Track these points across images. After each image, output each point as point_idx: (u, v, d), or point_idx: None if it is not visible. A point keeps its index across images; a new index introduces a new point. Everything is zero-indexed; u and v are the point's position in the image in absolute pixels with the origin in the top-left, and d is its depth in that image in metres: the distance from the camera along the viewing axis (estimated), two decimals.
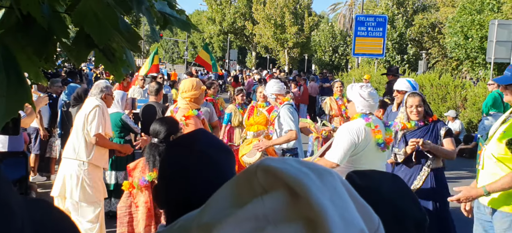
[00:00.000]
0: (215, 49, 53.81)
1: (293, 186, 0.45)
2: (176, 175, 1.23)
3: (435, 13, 26.15)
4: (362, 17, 16.91)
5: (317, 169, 0.49)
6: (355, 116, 3.38)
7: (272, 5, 32.63)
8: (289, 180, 0.46)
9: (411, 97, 3.87)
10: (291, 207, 0.45)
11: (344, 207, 0.46)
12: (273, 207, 0.45)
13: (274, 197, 0.46)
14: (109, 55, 1.51)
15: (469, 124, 11.33)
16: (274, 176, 0.47)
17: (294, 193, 0.45)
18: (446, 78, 12.67)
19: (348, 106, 3.55)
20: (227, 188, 0.51)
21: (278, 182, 0.46)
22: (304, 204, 0.44)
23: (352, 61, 26.78)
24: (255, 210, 0.46)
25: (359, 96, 3.35)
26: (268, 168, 0.48)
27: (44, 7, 1.21)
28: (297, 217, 0.44)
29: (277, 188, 0.46)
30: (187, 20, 1.64)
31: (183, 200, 1.21)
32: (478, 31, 17.04)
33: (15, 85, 1.00)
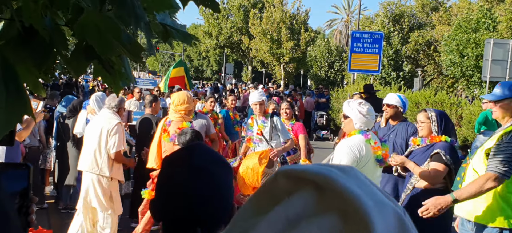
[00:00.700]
0: (211, 62, 53.93)
1: (319, 182, 0.46)
2: (173, 189, 1.21)
3: (431, 31, 26.42)
4: (359, 33, 17.05)
5: (337, 166, 0.50)
6: (353, 133, 3.38)
7: (268, 20, 32.84)
8: (314, 177, 0.46)
9: (420, 113, 3.83)
10: (321, 201, 0.45)
11: (372, 192, 0.47)
12: (303, 205, 0.46)
13: (301, 196, 0.46)
14: (108, 67, 1.50)
15: (464, 142, 11.35)
16: (297, 177, 0.47)
17: (321, 188, 0.46)
18: (442, 96, 12.73)
19: (344, 122, 3.54)
20: (249, 202, 0.51)
21: (301, 182, 0.47)
22: (334, 196, 0.45)
23: (347, 77, 26.92)
24: (286, 211, 0.46)
25: (358, 113, 3.36)
26: (288, 172, 0.48)
27: (46, 20, 1.19)
28: (329, 210, 0.44)
29: (302, 188, 0.47)
30: (188, 33, 1.63)
31: (180, 214, 1.20)
32: (473, 50, 17.21)
33: (14, 97, 0.98)
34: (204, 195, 1.20)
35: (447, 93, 14.55)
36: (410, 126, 4.68)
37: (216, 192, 1.23)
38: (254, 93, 5.68)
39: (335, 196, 0.45)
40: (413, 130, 4.56)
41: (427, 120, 3.69)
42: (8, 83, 0.98)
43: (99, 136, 4.52)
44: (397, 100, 4.77)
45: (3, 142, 1.49)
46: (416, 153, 3.74)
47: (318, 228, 0.44)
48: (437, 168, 3.51)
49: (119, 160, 4.60)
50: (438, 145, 3.62)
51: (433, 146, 3.63)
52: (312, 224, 0.44)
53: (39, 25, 1.11)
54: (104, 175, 4.53)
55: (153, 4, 1.47)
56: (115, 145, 4.46)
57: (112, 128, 4.49)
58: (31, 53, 1.22)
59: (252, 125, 5.43)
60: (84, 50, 1.37)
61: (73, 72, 1.44)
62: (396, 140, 4.61)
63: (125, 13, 1.15)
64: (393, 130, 4.72)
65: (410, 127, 4.67)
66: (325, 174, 0.46)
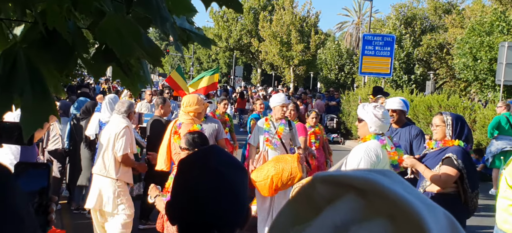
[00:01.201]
0: (221, 65, 54.11)
1: (362, 186, 0.44)
2: (190, 192, 1.21)
3: (444, 33, 26.16)
4: (370, 36, 16.95)
5: (375, 170, 0.49)
6: (368, 137, 3.35)
7: (278, 22, 32.85)
8: (356, 182, 0.45)
9: (436, 116, 3.81)
10: (369, 206, 0.44)
11: (419, 195, 0.46)
12: (350, 211, 0.44)
13: (346, 201, 0.45)
14: (126, 70, 1.50)
15: (478, 146, 11.22)
16: (336, 183, 0.46)
17: (365, 192, 0.44)
18: (455, 100, 12.60)
19: (359, 126, 3.51)
20: (285, 210, 0.50)
21: (342, 188, 0.45)
22: (382, 200, 0.43)
23: (358, 80, 26.78)
24: (332, 218, 0.44)
25: (373, 116, 3.33)
26: (327, 178, 0.47)
27: (69, 23, 1.19)
28: (378, 214, 0.43)
29: (344, 194, 0.45)
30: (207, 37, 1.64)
31: (196, 217, 1.19)
32: (487, 53, 17.00)
33: (40, 97, 0.99)
34: (220, 198, 1.19)
35: (460, 97, 14.40)
36: (413, 128, 4.66)
37: (232, 195, 1.23)
38: (279, 95, 5.64)
39: (382, 200, 0.43)
40: (417, 132, 4.57)
41: (443, 123, 3.64)
42: (34, 84, 0.99)
43: (108, 140, 4.64)
44: (402, 105, 4.78)
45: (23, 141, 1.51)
46: (429, 156, 3.71)
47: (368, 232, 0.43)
48: (447, 172, 3.46)
49: (127, 163, 4.67)
50: (450, 149, 3.56)
51: (445, 150, 3.59)
52: (362, 228, 0.43)
53: (63, 29, 1.11)
54: (111, 177, 4.61)
55: (173, 8, 1.47)
56: (121, 148, 4.53)
57: (120, 131, 4.57)
58: (53, 56, 1.23)
59: (268, 127, 5.32)
60: (103, 52, 1.38)
61: (93, 75, 1.45)
62: (400, 143, 4.59)
63: (151, 14, 1.15)
64: (396, 133, 4.69)
65: (413, 129, 4.64)
66: (368, 178, 0.45)
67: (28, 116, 0.98)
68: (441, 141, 3.66)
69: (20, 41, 1.21)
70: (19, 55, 1.02)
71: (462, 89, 23.91)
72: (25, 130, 1.06)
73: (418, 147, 4.57)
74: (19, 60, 1.01)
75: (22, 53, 1.03)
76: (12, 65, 1.00)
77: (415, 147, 4.61)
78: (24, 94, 1.00)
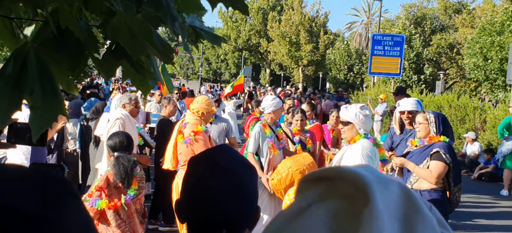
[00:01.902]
0: (229, 65, 54.19)
1: (331, 175, 0.50)
2: (199, 190, 1.21)
3: (454, 33, 25.94)
4: (379, 36, 16.88)
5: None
6: (357, 138, 3.42)
7: (287, 22, 32.81)
8: (323, 172, 0.51)
9: (418, 115, 3.84)
10: (331, 189, 0.49)
11: (378, 172, 0.49)
12: (314, 196, 0.50)
13: (314, 189, 0.50)
14: (138, 67, 1.51)
15: (488, 146, 11.10)
16: (311, 178, 0.52)
17: (332, 180, 0.50)
18: (465, 100, 12.49)
19: (344, 129, 3.53)
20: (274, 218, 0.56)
21: (316, 181, 0.51)
22: (342, 183, 0.48)
23: (367, 80, 26.65)
24: (300, 203, 0.50)
25: (362, 117, 3.43)
26: (305, 176, 0.53)
27: (82, 22, 1.20)
28: (336, 195, 0.48)
29: (316, 185, 0.51)
30: (217, 34, 1.64)
31: (205, 215, 1.19)
32: (498, 53, 16.83)
33: (50, 97, 0.99)
34: (230, 196, 1.19)
35: (470, 97, 14.26)
36: None
37: (242, 194, 1.23)
38: (272, 98, 5.21)
39: (343, 182, 0.48)
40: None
41: (425, 121, 3.69)
42: (44, 83, 1.00)
43: (100, 133, 4.59)
44: (417, 106, 4.70)
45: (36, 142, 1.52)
46: (414, 153, 3.72)
47: (324, 209, 0.47)
48: (437, 167, 3.50)
49: None
50: (437, 144, 3.59)
51: (431, 145, 3.61)
52: (319, 208, 0.47)
53: (75, 28, 1.12)
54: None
55: (183, 6, 1.47)
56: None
57: (112, 123, 4.49)
58: (65, 54, 1.24)
59: (269, 133, 4.99)
60: (114, 51, 1.39)
61: (104, 74, 1.46)
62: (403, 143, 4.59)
63: (161, 13, 1.15)
64: (410, 134, 4.60)
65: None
66: (338, 167, 0.50)
67: (38, 115, 0.99)
68: (426, 138, 3.69)
69: (31, 40, 1.22)
70: (30, 55, 1.03)
71: (472, 89, 23.68)
72: (34, 129, 1.06)
73: None
74: (29, 59, 1.02)
75: (33, 52, 1.04)
76: (22, 65, 1.01)
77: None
78: (34, 93, 1.01)
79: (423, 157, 3.61)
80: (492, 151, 10.41)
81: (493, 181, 9.77)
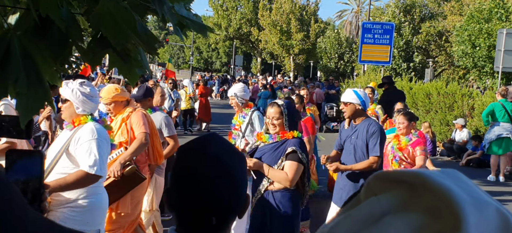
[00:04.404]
0: (220, 54, 53.94)
1: (410, 180, 0.43)
2: (189, 179, 1.22)
3: (443, 21, 26.08)
4: (369, 24, 16.90)
5: (440, 169, 0.47)
6: (83, 120, 2.94)
7: (278, 11, 32.71)
8: (405, 176, 0.44)
9: (270, 107, 3.32)
10: (410, 200, 0.42)
11: (472, 190, 0.43)
12: (390, 203, 0.43)
13: (390, 195, 0.44)
14: (124, 56, 1.50)
15: (476, 132, 11.25)
16: (388, 179, 0.46)
17: (413, 187, 0.43)
18: (453, 87, 12.60)
19: (63, 107, 2.97)
20: (343, 211, 0.50)
21: (393, 184, 0.45)
22: (425, 194, 0.42)
23: (358, 68, 26.73)
24: (371, 208, 0.44)
25: (79, 94, 2.94)
26: (381, 175, 0.47)
27: (62, 10, 1.19)
28: (416, 208, 0.42)
29: (392, 189, 0.44)
30: (203, 23, 1.63)
31: (195, 203, 1.20)
32: (485, 40, 16.97)
33: (35, 84, 0.99)
34: (220, 184, 1.20)
35: (458, 84, 14.39)
36: (372, 125, 4.06)
37: (231, 182, 1.24)
38: (235, 85, 5.16)
39: (428, 193, 0.42)
40: (374, 130, 4.00)
41: (281, 115, 3.24)
42: (29, 71, 1.00)
43: None
44: (354, 97, 4.11)
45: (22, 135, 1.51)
46: (264, 151, 3.27)
47: (403, 223, 0.41)
48: (294, 168, 3.11)
49: None
50: (291, 142, 3.19)
51: (285, 143, 3.21)
52: (397, 218, 0.41)
53: (55, 16, 1.11)
54: None
55: None
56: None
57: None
58: (47, 43, 1.23)
59: (236, 119, 5.05)
60: (99, 40, 1.38)
61: (89, 63, 1.45)
62: (357, 142, 4.08)
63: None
64: (355, 131, 4.14)
65: (371, 126, 4.05)
66: (418, 173, 0.43)
67: (24, 102, 0.99)
68: (279, 133, 3.25)
69: (13, 28, 1.21)
70: (13, 42, 1.02)
71: (460, 76, 23.90)
72: (21, 116, 1.06)
73: (373, 147, 3.99)
74: (12, 47, 1.02)
75: (16, 40, 1.04)
76: (6, 52, 1.01)
77: (370, 146, 4.00)
78: (19, 81, 1.01)
79: (277, 156, 3.18)
80: (480, 138, 10.55)
81: (480, 167, 9.93)
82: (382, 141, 4.04)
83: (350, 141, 4.14)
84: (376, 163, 3.97)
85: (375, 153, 3.99)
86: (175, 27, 1.34)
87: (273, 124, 3.27)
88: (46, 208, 1.27)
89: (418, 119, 5.09)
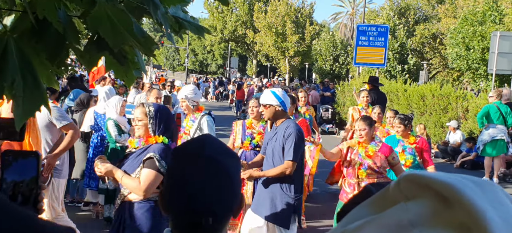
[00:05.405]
0: (216, 56, 53.90)
1: (443, 191, 0.41)
2: (184, 180, 1.22)
3: (437, 23, 26.25)
4: (364, 26, 16.97)
5: (473, 178, 0.44)
6: None
7: (273, 13, 32.76)
8: (438, 186, 0.42)
9: (137, 108, 3.12)
10: (441, 213, 0.40)
11: (506, 211, 0.41)
12: (420, 213, 0.41)
13: (420, 203, 0.42)
14: (121, 58, 1.50)
15: (470, 134, 11.31)
16: (419, 183, 0.43)
17: (445, 199, 0.41)
18: (448, 89, 12.67)
19: None
20: (366, 202, 0.48)
21: (424, 189, 0.43)
22: (457, 209, 0.40)
23: (352, 71, 26.83)
24: (398, 215, 0.42)
25: None
26: (413, 177, 0.44)
27: (60, 12, 1.20)
28: (447, 223, 0.40)
29: (423, 196, 0.42)
30: (200, 25, 1.64)
31: (191, 205, 1.21)
32: (479, 43, 17.09)
33: (31, 87, 0.99)
34: (215, 185, 1.21)
35: (452, 86, 14.48)
36: (288, 128, 3.81)
37: (227, 182, 1.24)
38: (185, 87, 4.94)
39: (458, 208, 0.39)
40: (290, 132, 3.77)
41: (145, 117, 3.00)
42: (25, 73, 0.99)
43: None
44: (273, 98, 3.90)
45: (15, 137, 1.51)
46: (131, 157, 3.03)
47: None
48: (148, 177, 2.82)
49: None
50: (152, 147, 2.92)
51: (148, 148, 2.97)
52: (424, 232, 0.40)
53: (53, 18, 1.11)
54: None
55: None
56: None
57: None
58: (44, 45, 1.23)
59: (186, 122, 4.78)
60: (96, 42, 1.38)
61: (86, 65, 1.45)
62: (275, 146, 3.85)
63: (144, 1, 1.15)
64: (275, 133, 3.93)
65: (288, 128, 3.81)
66: (452, 184, 0.41)
67: (20, 104, 0.99)
68: (144, 137, 3.02)
69: (10, 30, 1.21)
70: (9, 44, 1.02)
71: (455, 78, 24.04)
72: (17, 119, 1.06)
73: (288, 151, 3.74)
74: (9, 49, 1.01)
75: (12, 42, 1.04)
76: (2, 54, 1.01)
77: (285, 150, 3.76)
78: (15, 83, 1.01)
79: (138, 162, 2.92)
80: (474, 140, 10.61)
81: (475, 168, 9.98)
82: (298, 145, 3.73)
83: (271, 145, 3.91)
84: (290, 169, 3.67)
85: (288, 158, 3.69)
86: (168, 31, 1.34)
87: (137, 126, 3.02)
88: (43, 209, 1.27)
89: (375, 123, 4.76)
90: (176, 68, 62.42)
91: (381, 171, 4.25)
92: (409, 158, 4.83)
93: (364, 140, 4.31)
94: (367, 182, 4.15)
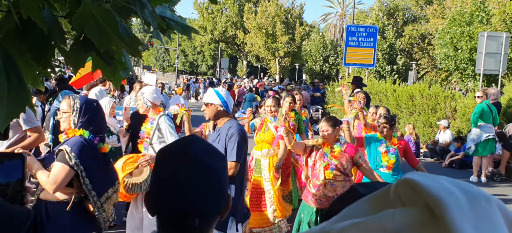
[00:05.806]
0: (206, 57, 53.78)
1: (430, 203, 0.40)
2: (170, 181, 1.21)
3: (425, 24, 26.50)
4: (353, 27, 17.07)
5: (471, 192, 0.43)
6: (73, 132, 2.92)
7: (263, 14, 32.81)
8: (427, 197, 0.41)
9: (63, 100, 3.00)
10: (426, 225, 0.39)
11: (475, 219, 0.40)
12: (404, 222, 0.41)
13: (408, 212, 0.41)
14: (108, 58, 1.49)
15: (458, 134, 11.44)
16: (414, 190, 0.42)
17: (433, 213, 0.40)
18: (436, 89, 12.79)
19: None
20: (365, 200, 0.48)
21: (417, 198, 0.42)
22: (440, 224, 0.39)
23: (342, 71, 26.97)
24: (386, 222, 0.41)
25: None
26: (409, 182, 0.43)
27: (44, 12, 1.18)
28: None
29: (415, 205, 0.41)
30: (187, 25, 1.63)
31: (178, 206, 1.20)
32: (467, 43, 17.29)
33: (16, 88, 0.98)
34: (202, 185, 1.20)
35: (441, 86, 14.62)
36: (231, 129, 3.73)
37: (214, 183, 1.24)
38: (146, 88, 4.82)
39: (441, 224, 0.39)
40: (232, 133, 3.68)
41: (69, 109, 2.89)
42: (10, 74, 0.98)
43: None
44: (215, 97, 3.80)
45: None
46: (55, 151, 2.92)
47: None
48: (57, 171, 2.69)
49: None
50: (69, 140, 2.80)
51: (66, 141, 2.86)
52: None
53: (37, 17, 1.10)
54: None
55: None
56: None
57: None
58: (29, 46, 1.22)
59: (145, 126, 4.65)
60: (82, 42, 1.37)
61: (72, 66, 1.43)
62: (218, 147, 3.67)
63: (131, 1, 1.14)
64: (218, 134, 3.83)
65: (230, 129, 3.73)
66: (441, 199, 0.40)
67: (4, 105, 0.98)
68: (68, 131, 2.89)
69: None
70: None
71: (443, 78, 24.28)
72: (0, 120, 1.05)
73: (231, 152, 3.64)
74: None
75: None
76: None
77: (228, 151, 3.65)
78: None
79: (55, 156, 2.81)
80: (462, 139, 10.73)
81: (463, 168, 10.09)
82: (241, 145, 3.64)
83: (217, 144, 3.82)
84: (233, 170, 3.58)
85: (231, 158, 3.60)
86: (156, 30, 1.34)
87: (62, 118, 2.91)
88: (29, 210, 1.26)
89: (342, 123, 4.64)
90: (166, 69, 62.16)
91: (347, 173, 4.21)
92: (391, 158, 4.82)
93: (327, 141, 4.26)
94: (334, 183, 4.14)
